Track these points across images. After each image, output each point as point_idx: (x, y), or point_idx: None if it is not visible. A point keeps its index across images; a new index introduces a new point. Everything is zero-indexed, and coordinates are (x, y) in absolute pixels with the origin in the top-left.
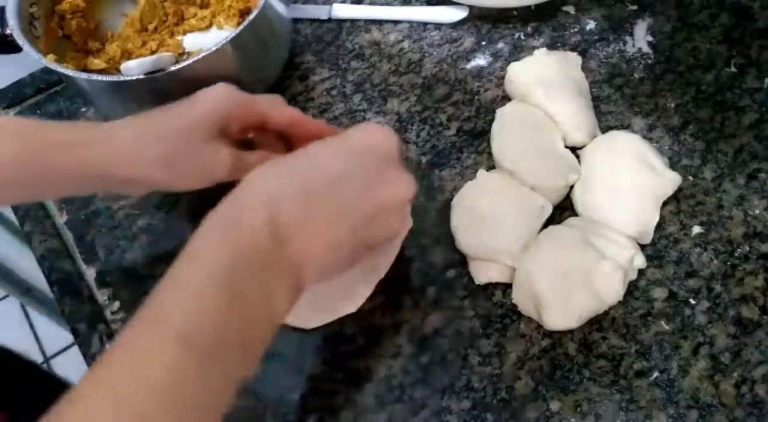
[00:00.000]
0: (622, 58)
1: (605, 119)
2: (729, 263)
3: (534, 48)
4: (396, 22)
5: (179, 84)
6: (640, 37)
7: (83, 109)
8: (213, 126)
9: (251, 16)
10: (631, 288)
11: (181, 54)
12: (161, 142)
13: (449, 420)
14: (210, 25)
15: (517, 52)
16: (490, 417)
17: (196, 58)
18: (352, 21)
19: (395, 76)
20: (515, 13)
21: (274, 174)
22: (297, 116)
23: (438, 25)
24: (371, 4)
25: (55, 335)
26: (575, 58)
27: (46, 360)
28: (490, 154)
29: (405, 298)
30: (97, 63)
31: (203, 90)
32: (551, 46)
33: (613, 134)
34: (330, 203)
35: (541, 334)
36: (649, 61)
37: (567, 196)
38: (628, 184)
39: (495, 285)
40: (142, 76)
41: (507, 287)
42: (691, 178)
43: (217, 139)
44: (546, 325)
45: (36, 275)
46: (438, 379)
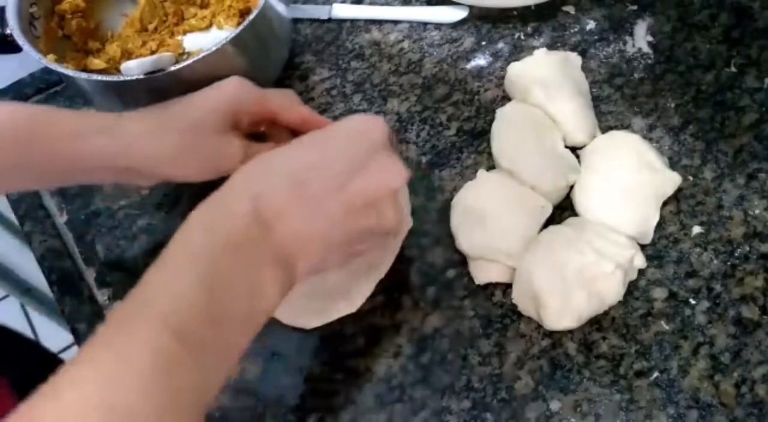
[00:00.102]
0: (622, 58)
1: (605, 119)
2: (729, 263)
3: (534, 48)
4: (396, 22)
5: (179, 84)
6: (640, 37)
7: (83, 109)
8: (225, 118)
9: (251, 16)
10: (631, 288)
11: (181, 54)
12: (173, 133)
13: (449, 420)
14: (210, 25)
15: (517, 52)
16: (490, 417)
17: (196, 58)
18: (352, 21)
19: (395, 76)
20: (515, 13)
21: (261, 163)
22: (307, 116)
23: (438, 25)
24: (371, 4)
25: (55, 335)
26: (575, 58)
27: None
28: (490, 154)
29: (405, 298)
30: (97, 63)
31: (217, 83)
32: (551, 46)
33: (613, 134)
34: (315, 188)
35: (541, 334)
36: (649, 61)
37: (567, 196)
38: (628, 184)
39: (495, 285)
40: (142, 76)
41: (507, 287)
42: (691, 178)
43: (228, 131)
44: (546, 325)
45: (36, 275)
46: (438, 379)
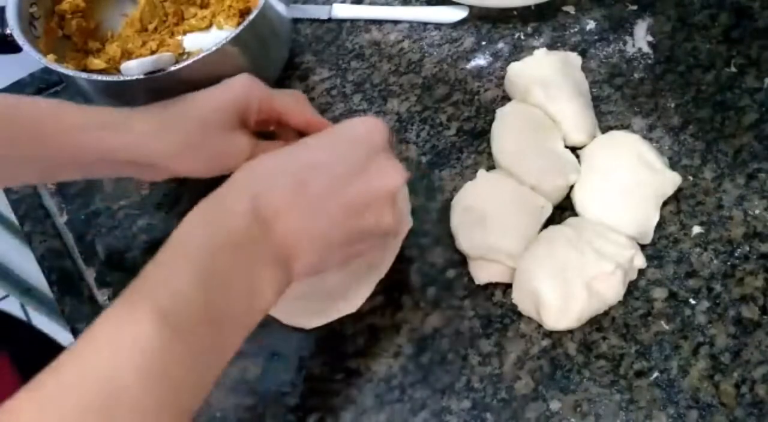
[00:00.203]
0: (622, 58)
1: (605, 119)
2: (729, 263)
3: (534, 48)
4: (396, 22)
5: (179, 84)
6: (640, 37)
7: None
8: (232, 116)
9: (251, 16)
10: (631, 288)
11: (181, 54)
12: (181, 128)
13: (449, 420)
14: (210, 25)
15: (517, 52)
16: (490, 417)
17: (196, 58)
18: (352, 21)
19: (395, 76)
20: (515, 13)
21: (262, 163)
22: (311, 119)
23: (438, 25)
24: (371, 4)
25: (55, 335)
26: (575, 58)
27: None
28: (490, 154)
29: (405, 298)
30: (97, 63)
31: (226, 80)
32: (551, 46)
33: (613, 134)
34: (315, 188)
35: (541, 334)
36: (649, 61)
37: (567, 196)
38: (628, 184)
39: (495, 285)
40: (142, 76)
41: (507, 287)
42: (691, 178)
43: (236, 128)
44: (546, 325)
45: (36, 275)
46: (438, 379)
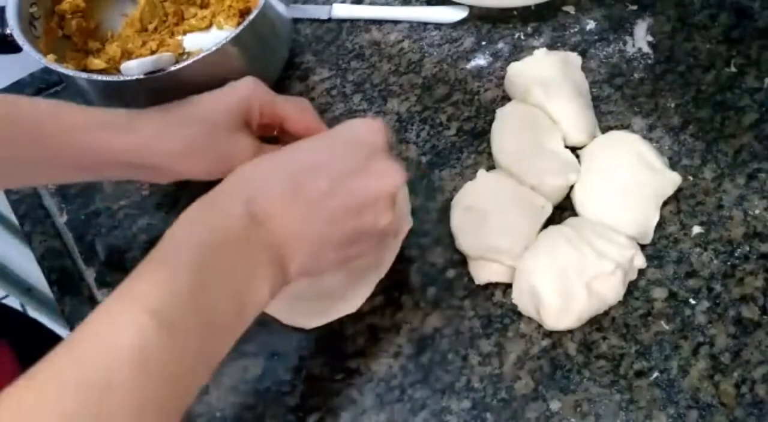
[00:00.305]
0: (622, 58)
1: (605, 119)
2: (729, 263)
3: (534, 48)
4: (396, 22)
5: (179, 84)
6: (640, 37)
7: None
8: (237, 118)
9: (251, 16)
10: (631, 288)
11: (181, 54)
12: (184, 130)
13: (449, 420)
14: (210, 25)
15: (517, 52)
16: (490, 417)
17: (196, 58)
18: (352, 21)
19: (395, 76)
20: (515, 13)
21: (256, 164)
22: (314, 126)
23: (438, 25)
24: (371, 4)
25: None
26: (575, 58)
27: None
28: (490, 154)
29: (405, 298)
30: (97, 63)
31: (231, 83)
32: (551, 46)
33: (613, 134)
34: (312, 188)
35: (541, 334)
36: (649, 61)
37: (567, 196)
38: (628, 184)
39: (495, 285)
40: (142, 76)
41: (507, 287)
42: (691, 178)
43: (240, 130)
44: (546, 325)
45: (36, 275)
46: (438, 379)
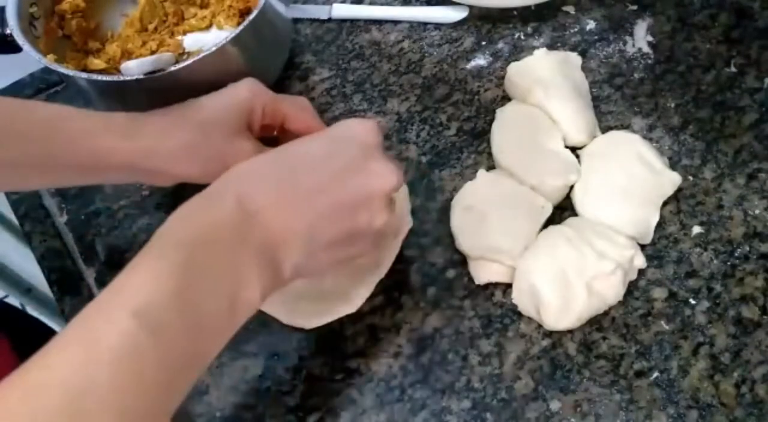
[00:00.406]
0: (622, 58)
1: (605, 119)
2: (729, 263)
3: (534, 48)
4: (396, 22)
5: (179, 84)
6: (640, 37)
7: (83, 109)
8: (237, 120)
9: (251, 16)
10: (631, 288)
11: (181, 54)
12: (185, 135)
13: (449, 420)
14: (210, 25)
15: (517, 52)
16: (490, 417)
17: (196, 58)
18: (352, 21)
19: (395, 76)
20: (515, 13)
21: (251, 162)
22: (314, 125)
23: (438, 25)
24: (371, 4)
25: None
26: (575, 59)
27: None
28: (490, 154)
29: (405, 298)
30: (97, 63)
31: (231, 84)
32: (551, 46)
33: (613, 134)
34: (306, 186)
35: (541, 334)
36: (649, 61)
37: (567, 196)
38: (628, 184)
39: (495, 285)
40: (142, 76)
41: (507, 287)
42: (691, 178)
43: (241, 132)
44: (546, 325)
45: (36, 275)
46: (438, 379)
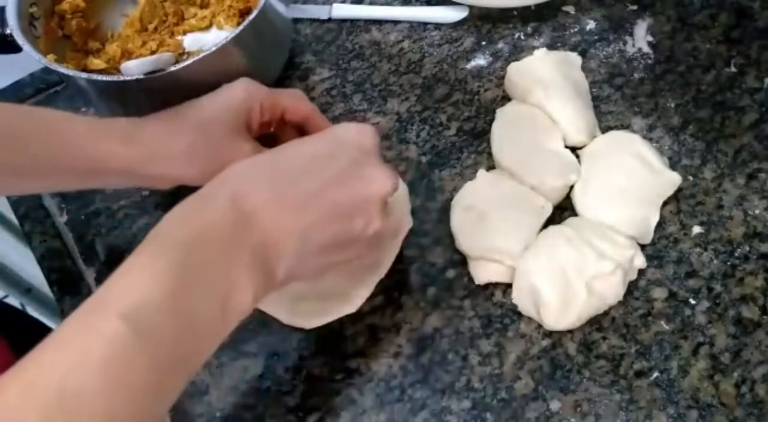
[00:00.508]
0: (622, 58)
1: (605, 119)
2: (729, 263)
3: (534, 48)
4: (396, 22)
5: (179, 84)
6: (640, 37)
7: (83, 109)
8: (235, 120)
9: (251, 16)
10: (631, 288)
11: (181, 54)
12: (184, 136)
13: (449, 420)
14: (210, 25)
15: (517, 52)
16: (490, 417)
17: (196, 58)
18: (352, 21)
19: (395, 76)
20: (515, 13)
21: (247, 162)
22: (311, 113)
23: (438, 25)
24: (371, 4)
25: None
26: (575, 59)
27: None
28: (490, 154)
29: (405, 298)
30: (97, 63)
31: (226, 84)
32: (551, 46)
33: (613, 134)
34: (300, 188)
35: (541, 334)
36: (649, 61)
37: (567, 196)
38: (628, 184)
39: (495, 285)
40: (142, 76)
41: (507, 287)
42: (691, 178)
43: (240, 133)
44: (546, 325)
45: (36, 275)
46: (438, 379)
